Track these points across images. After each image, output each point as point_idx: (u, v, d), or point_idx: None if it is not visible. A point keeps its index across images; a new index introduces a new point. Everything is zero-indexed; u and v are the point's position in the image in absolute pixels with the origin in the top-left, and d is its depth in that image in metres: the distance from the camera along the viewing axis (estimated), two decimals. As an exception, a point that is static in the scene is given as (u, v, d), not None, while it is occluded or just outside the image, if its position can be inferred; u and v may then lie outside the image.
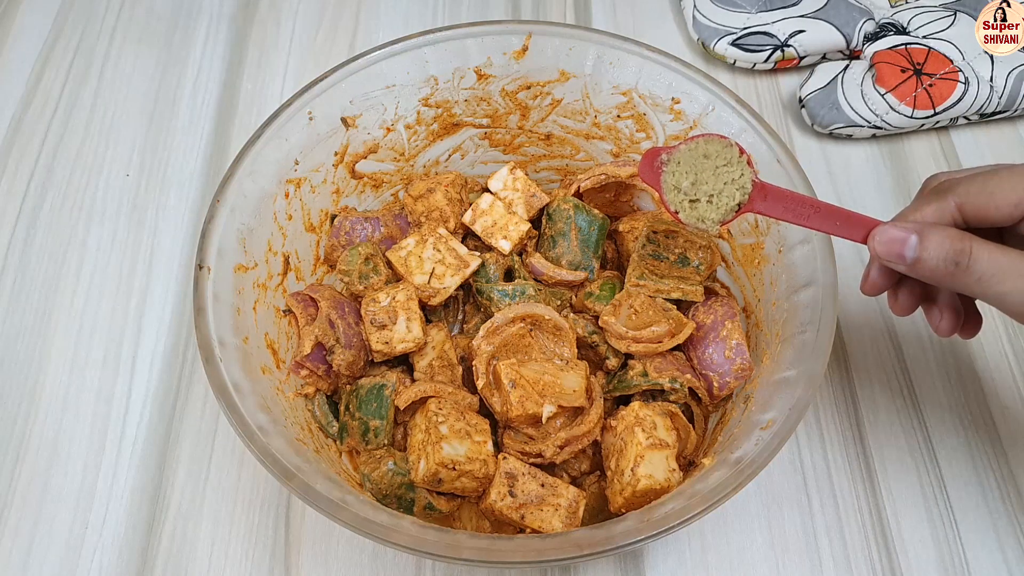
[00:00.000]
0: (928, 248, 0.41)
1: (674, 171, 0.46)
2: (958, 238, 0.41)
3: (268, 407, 0.47)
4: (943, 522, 0.57)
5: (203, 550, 0.56)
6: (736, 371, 0.53)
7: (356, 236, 0.59)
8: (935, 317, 0.48)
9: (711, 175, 0.45)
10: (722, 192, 0.45)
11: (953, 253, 0.41)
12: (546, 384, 0.51)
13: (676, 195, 0.46)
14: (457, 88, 0.60)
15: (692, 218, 0.46)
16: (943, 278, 0.42)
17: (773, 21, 0.78)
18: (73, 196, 0.72)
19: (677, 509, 0.42)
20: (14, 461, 0.59)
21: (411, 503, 0.51)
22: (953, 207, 0.43)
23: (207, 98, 0.78)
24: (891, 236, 0.43)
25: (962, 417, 0.61)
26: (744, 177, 0.45)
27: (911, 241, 0.42)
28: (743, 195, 0.45)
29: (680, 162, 0.46)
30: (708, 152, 0.45)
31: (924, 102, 0.72)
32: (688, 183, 0.46)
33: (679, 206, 0.46)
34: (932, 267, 0.42)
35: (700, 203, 0.46)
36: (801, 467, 0.59)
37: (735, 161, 0.45)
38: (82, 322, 0.65)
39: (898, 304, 0.48)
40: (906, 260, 0.42)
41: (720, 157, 0.45)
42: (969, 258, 0.41)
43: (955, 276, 0.41)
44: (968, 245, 0.41)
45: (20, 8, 0.84)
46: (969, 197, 0.42)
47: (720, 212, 0.46)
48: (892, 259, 0.43)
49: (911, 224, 0.43)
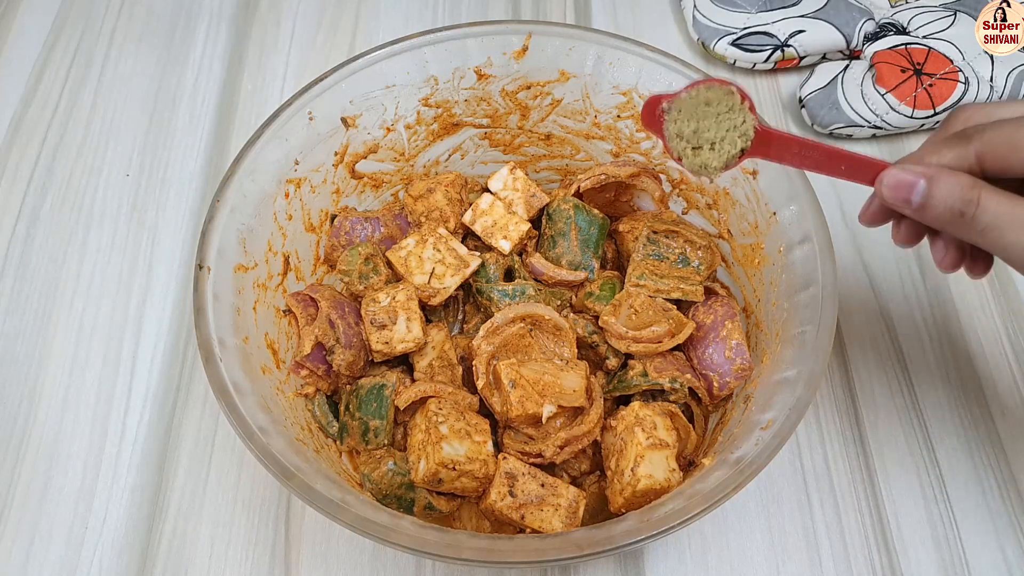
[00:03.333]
0: (935, 195, 0.41)
1: (676, 119, 0.45)
2: (968, 186, 0.40)
3: (268, 407, 0.47)
4: (943, 522, 0.57)
5: (203, 550, 0.56)
6: (736, 371, 0.53)
7: (356, 236, 0.59)
8: (939, 250, 0.46)
9: (713, 122, 0.45)
10: (724, 139, 0.45)
11: (960, 202, 0.40)
12: (546, 384, 0.51)
13: (679, 142, 0.46)
14: (457, 88, 0.60)
15: (695, 165, 0.46)
16: (947, 226, 0.41)
17: (773, 21, 0.78)
18: (73, 196, 0.72)
19: (677, 509, 0.42)
20: (14, 461, 0.59)
21: (411, 503, 0.51)
22: (973, 155, 0.41)
23: (207, 98, 0.78)
24: (899, 180, 0.42)
25: (962, 417, 0.61)
26: (746, 123, 0.45)
27: (919, 186, 0.41)
28: (745, 141, 0.45)
29: (681, 110, 0.45)
30: (709, 99, 0.45)
31: (924, 102, 0.72)
32: (690, 130, 0.45)
33: (682, 153, 0.46)
34: (937, 214, 0.41)
35: (703, 150, 0.45)
36: (801, 467, 0.59)
37: (737, 107, 0.45)
38: (82, 322, 0.65)
39: (900, 235, 0.47)
40: (912, 205, 0.42)
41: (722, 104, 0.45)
42: (976, 207, 0.40)
43: (959, 225, 0.41)
44: (976, 194, 0.40)
45: (20, 8, 0.84)
46: (992, 147, 0.41)
47: (723, 158, 0.45)
48: (898, 203, 0.42)
49: (921, 168, 0.42)
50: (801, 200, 0.51)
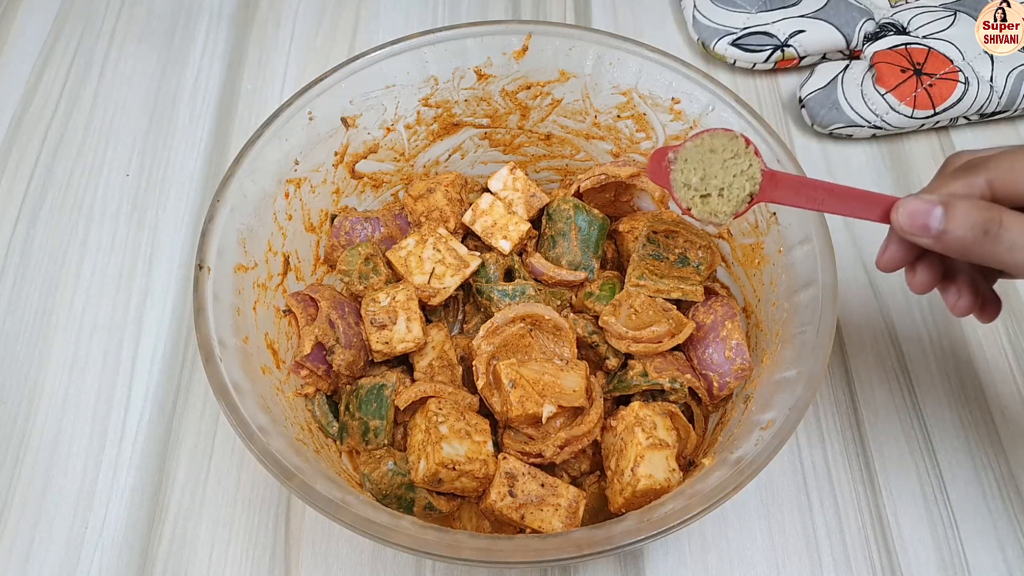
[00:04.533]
0: (955, 219, 0.40)
1: (682, 168, 0.46)
2: (986, 208, 0.40)
3: (268, 407, 0.47)
4: (943, 522, 0.57)
5: (203, 550, 0.56)
6: (736, 371, 0.53)
7: (356, 236, 0.59)
8: (952, 296, 0.46)
9: (719, 169, 0.45)
10: (732, 184, 0.45)
11: (982, 221, 0.39)
12: (546, 384, 0.51)
13: (687, 192, 0.46)
14: (457, 88, 0.60)
15: (705, 213, 0.46)
16: (971, 249, 0.40)
17: (773, 21, 0.78)
18: (73, 196, 0.72)
19: (677, 509, 0.42)
20: (14, 461, 0.59)
21: (411, 503, 0.51)
22: (984, 184, 0.41)
23: (207, 98, 0.78)
24: (915, 208, 0.41)
25: (962, 417, 0.61)
26: (753, 167, 0.45)
27: (936, 212, 0.40)
28: (754, 185, 0.45)
29: (687, 159, 0.46)
30: (714, 146, 0.45)
31: (924, 102, 0.72)
32: (697, 179, 0.46)
33: (691, 203, 0.46)
34: (959, 237, 0.40)
35: (711, 198, 0.46)
36: (801, 467, 0.59)
37: (742, 152, 0.45)
38: (82, 322, 0.65)
39: (916, 280, 0.46)
40: (931, 232, 0.41)
41: (727, 150, 0.45)
42: (1000, 227, 0.39)
43: (984, 246, 0.40)
44: (997, 214, 0.39)
45: (20, 8, 0.84)
46: (1001, 173, 0.41)
47: (732, 204, 0.46)
48: (917, 232, 0.41)
49: (935, 196, 0.41)
50: (801, 200, 0.51)
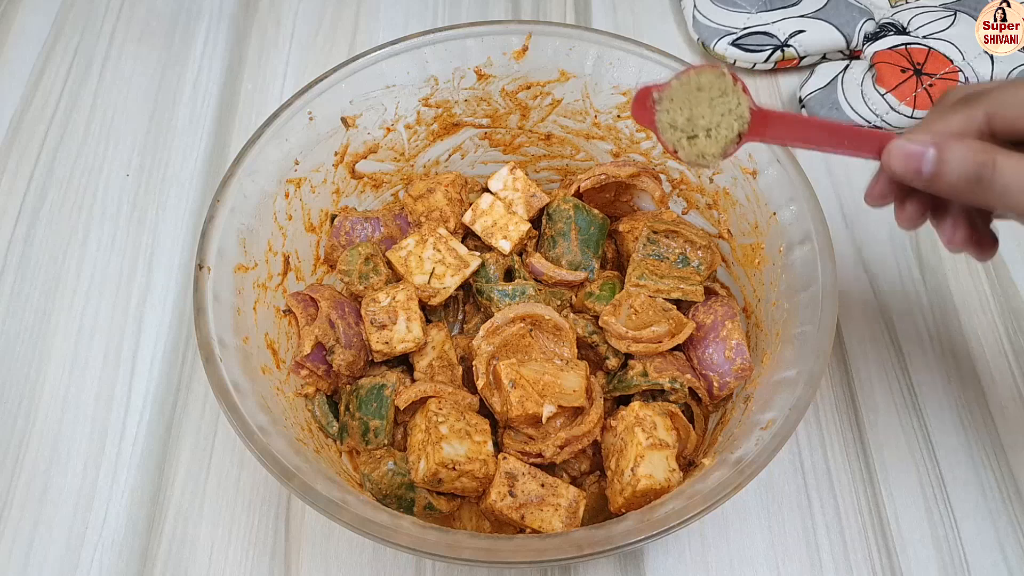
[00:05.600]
0: (948, 161, 0.39)
1: (668, 108, 0.44)
2: (981, 150, 0.38)
3: (268, 407, 0.47)
4: (943, 522, 0.57)
5: (203, 550, 0.56)
6: (736, 371, 0.53)
7: (356, 236, 0.59)
8: (948, 228, 0.44)
9: (707, 108, 0.43)
10: (720, 124, 0.43)
11: (975, 166, 0.38)
12: (546, 384, 0.51)
13: (673, 133, 0.44)
14: (457, 88, 0.60)
15: (692, 155, 0.44)
16: (963, 193, 0.39)
17: (773, 21, 0.78)
18: (73, 196, 0.72)
19: (677, 509, 0.42)
20: (14, 461, 0.59)
21: (411, 503, 0.51)
22: (982, 118, 0.40)
23: (207, 98, 0.78)
24: (908, 151, 0.40)
25: (962, 417, 0.61)
26: (741, 106, 0.43)
27: (928, 155, 0.39)
28: (742, 124, 0.43)
29: (673, 99, 0.44)
30: (701, 84, 0.43)
31: (924, 102, 0.72)
32: (684, 119, 0.43)
33: (677, 144, 0.44)
34: (952, 182, 0.39)
35: (699, 138, 0.44)
36: (801, 467, 0.59)
37: (730, 90, 0.43)
38: (82, 322, 0.65)
39: (905, 215, 0.44)
40: (922, 176, 0.40)
41: (714, 88, 0.43)
42: (993, 170, 0.38)
43: (976, 191, 0.38)
44: (991, 157, 0.38)
45: (20, 8, 0.84)
46: (1002, 107, 0.39)
47: (720, 144, 0.44)
48: (908, 175, 0.40)
49: (928, 137, 0.40)
50: (801, 200, 0.51)
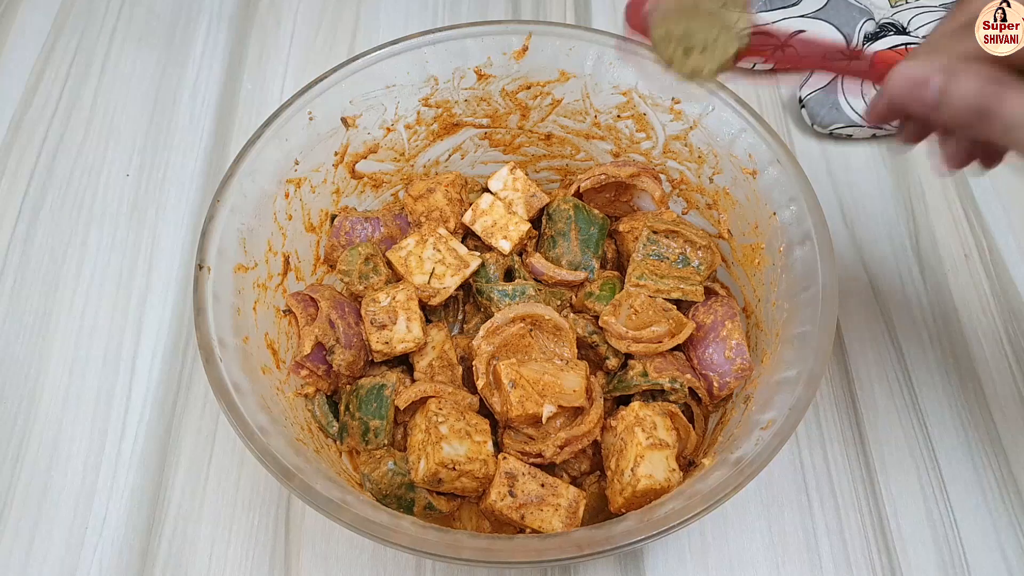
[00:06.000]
0: (953, 92, 0.36)
1: (664, 19, 0.42)
2: (989, 81, 0.35)
3: (268, 407, 0.47)
4: (943, 522, 0.57)
5: (203, 550, 0.56)
6: (736, 371, 0.53)
7: (356, 236, 0.59)
8: (950, 146, 0.42)
9: (705, 20, 0.42)
10: (717, 39, 0.42)
11: (981, 99, 0.35)
12: (546, 384, 0.51)
13: (667, 45, 0.42)
14: (457, 88, 0.60)
15: (686, 69, 0.42)
16: (966, 127, 0.37)
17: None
18: (73, 196, 0.72)
19: (677, 509, 0.42)
20: (14, 461, 0.59)
21: (411, 503, 0.51)
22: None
23: (207, 98, 0.78)
24: (912, 76, 0.37)
25: (962, 417, 0.61)
26: (742, 22, 0.41)
27: (933, 84, 0.36)
28: (742, 41, 0.41)
29: (670, 9, 0.42)
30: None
31: (924, 102, 0.72)
32: (680, 30, 0.42)
33: (672, 56, 0.42)
34: (954, 114, 0.36)
35: (695, 52, 0.42)
36: (801, 467, 0.59)
37: (730, 2, 0.41)
38: (82, 322, 0.65)
39: (907, 133, 0.43)
40: (926, 104, 0.37)
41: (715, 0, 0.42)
42: (1000, 104, 0.35)
43: (979, 125, 0.36)
44: (999, 89, 0.35)
45: (20, 8, 0.84)
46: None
47: (716, 61, 0.42)
48: (910, 102, 0.38)
49: (935, 63, 0.37)
50: (801, 200, 0.51)
